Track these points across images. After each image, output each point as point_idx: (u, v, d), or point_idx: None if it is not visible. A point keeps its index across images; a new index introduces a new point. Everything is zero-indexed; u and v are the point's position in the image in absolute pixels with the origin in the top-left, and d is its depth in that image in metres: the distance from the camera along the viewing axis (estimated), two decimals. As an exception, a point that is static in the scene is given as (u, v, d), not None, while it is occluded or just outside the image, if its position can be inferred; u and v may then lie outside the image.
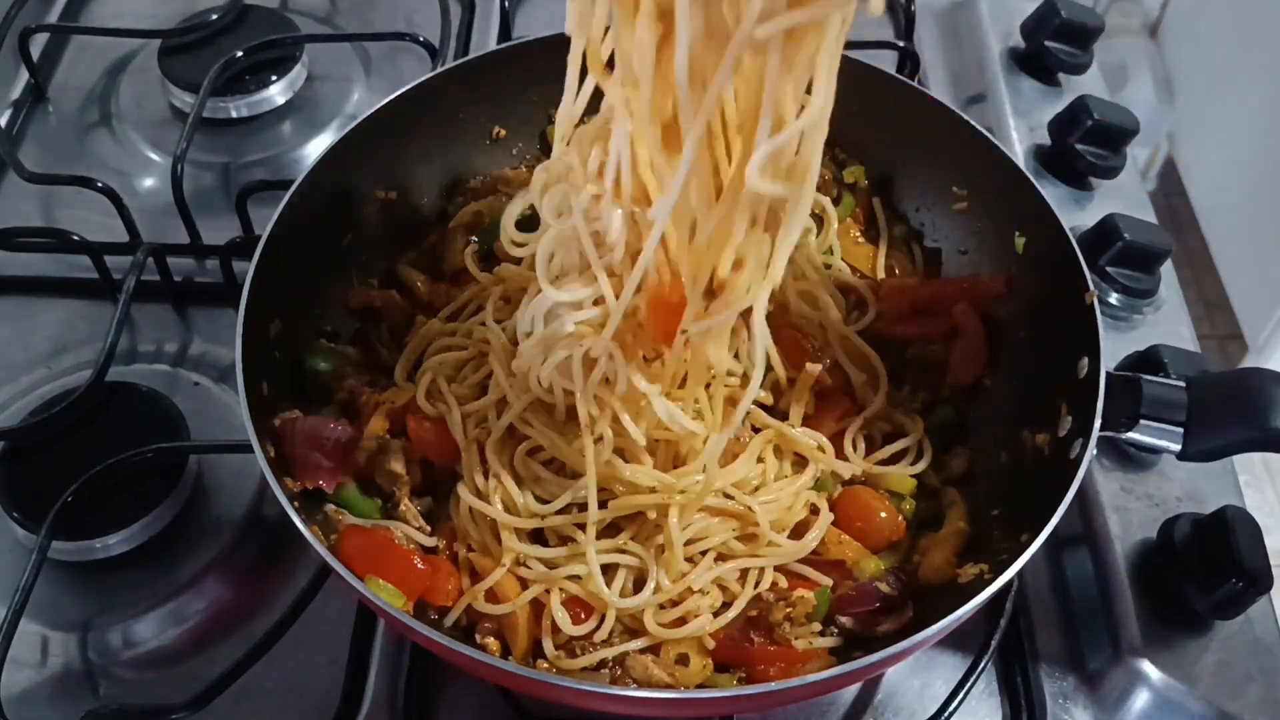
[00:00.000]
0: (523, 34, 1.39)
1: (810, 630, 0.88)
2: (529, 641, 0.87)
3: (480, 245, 1.08)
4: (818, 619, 0.88)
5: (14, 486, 0.98)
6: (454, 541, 0.91)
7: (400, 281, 1.08)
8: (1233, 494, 1.00)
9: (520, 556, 0.88)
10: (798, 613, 0.87)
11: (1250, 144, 2.46)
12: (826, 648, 0.87)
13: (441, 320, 1.04)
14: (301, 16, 1.42)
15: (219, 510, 1.01)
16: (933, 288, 1.06)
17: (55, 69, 1.41)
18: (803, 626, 0.88)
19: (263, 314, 0.92)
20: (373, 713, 0.90)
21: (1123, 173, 1.23)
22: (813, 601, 0.88)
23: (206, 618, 0.96)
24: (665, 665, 0.85)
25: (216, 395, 1.09)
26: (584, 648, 0.86)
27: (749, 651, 0.86)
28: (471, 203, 1.10)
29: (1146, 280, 1.12)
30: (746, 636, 0.86)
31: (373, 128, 1.03)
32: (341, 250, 1.06)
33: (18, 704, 0.90)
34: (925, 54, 1.38)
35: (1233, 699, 0.88)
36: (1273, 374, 0.83)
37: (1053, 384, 0.91)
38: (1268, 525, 0.93)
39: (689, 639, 0.87)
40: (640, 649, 0.87)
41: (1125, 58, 2.68)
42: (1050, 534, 0.78)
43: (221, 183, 1.27)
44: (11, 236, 1.18)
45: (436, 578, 0.88)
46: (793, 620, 0.87)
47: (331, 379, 0.99)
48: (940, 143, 1.06)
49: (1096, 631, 0.92)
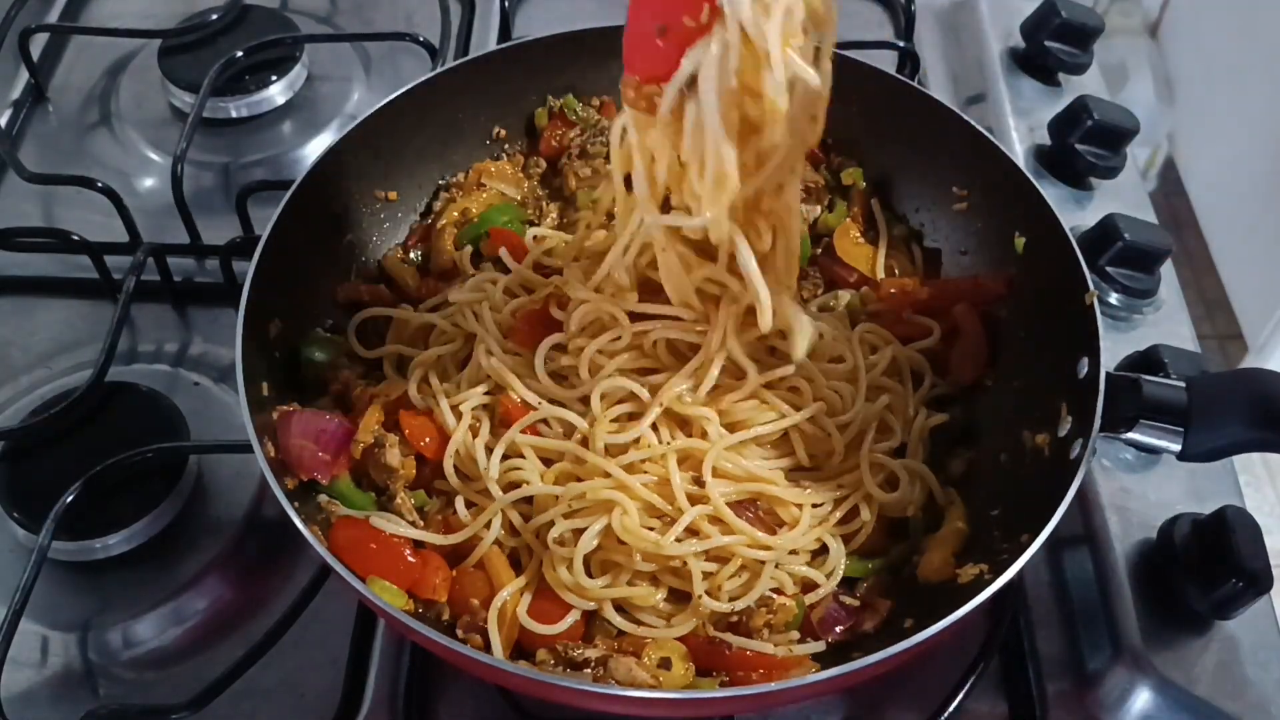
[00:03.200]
0: (523, 34, 1.39)
1: (788, 639, 0.87)
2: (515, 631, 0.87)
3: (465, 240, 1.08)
4: (794, 627, 0.88)
5: (14, 486, 0.98)
6: (447, 533, 0.91)
7: (389, 276, 1.08)
8: (1233, 494, 0.99)
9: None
10: (777, 620, 0.88)
11: (1250, 144, 2.47)
12: (809, 654, 0.87)
13: (424, 312, 1.04)
14: (301, 16, 1.42)
15: (219, 510, 1.01)
16: (933, 288, 1.07)
17: (55, 69, 1.41)
18: (781, 634, 0.88)
19: (263, 314, 0.93)
20: (373, 713, 0.90)
21: (1123, 173, 1.23)
22: (793, 610, 0.88)
23: (206, 618, 0.96)
24: (648, 668, 0.85)
25: (216, 395, 1.09)
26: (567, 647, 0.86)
27: (729, 657, 0.85)
28: (458, 198, 1.10)
29: (1146, 280, 1.12)
30: (723, 641, 0.86)
31: (373, 128, 1.03)
32: (341, 250, 1.06)
33: (18, 704, 0.90)
34: (925, 54, 1.38)
35: (1233, 699, 0.88)
36: (1273, 374, 0.83)
37: (1053, 384, 0.91)
38: (1268, 525, 0.93)
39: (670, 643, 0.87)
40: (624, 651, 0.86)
41: (1125, 58, 2.69)
42: (1050, 534, 0.78)
43: (221, 183, 1.27)
44: (11, 236, 1.18)
45: (425, 570, 0.88)
46: (772, 627, 0.87)
47: (327, 369, 0.99)
48: (940, 143, 1.06)
49: (1096, 631, 0.92)
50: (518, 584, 0.88)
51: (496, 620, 0.86)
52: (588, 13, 1.40)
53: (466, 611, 0.88)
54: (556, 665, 0.85)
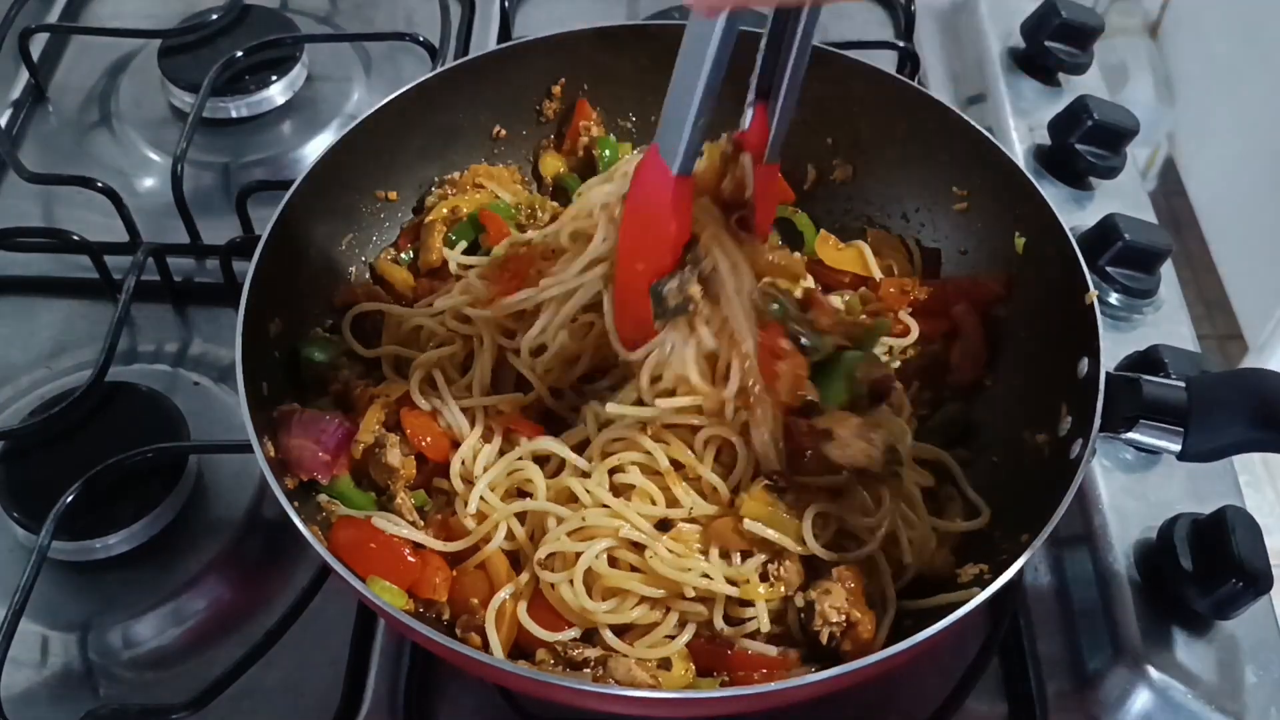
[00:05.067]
0: (523, 34, 1.39)
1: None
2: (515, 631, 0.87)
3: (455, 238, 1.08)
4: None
5: (14, 486, 0.98)
6: (448, 538, 0.91)
7: (381, 277, 1.08)
8: (1233, 494, 0.99)
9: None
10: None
11: (1250, 144, 2.47)
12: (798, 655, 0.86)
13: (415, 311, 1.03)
14: (301, 16, 1.42)
15: (219, 510, 1.01)
16: (932, 288, 1.07)
17: (55, 69, 1.41)
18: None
19: (263, 314, 0.93)
20: (373, 713, 0.90)
21: (1123, 173, 1.22)
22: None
23: (206, 618, 0.96)
24: (648, 668, 0.84)
25: (216, 395, 1.09)
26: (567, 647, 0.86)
27: (729, 657, 0.85)
28: (450, 196, 1.10)
29: (1146, 280, 1.12)
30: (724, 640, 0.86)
31: (373, 128, 1.03)
32: (341, 250, 1.06)
33: (18, 704, 0.90)
34: (925, 54, 1.38)
35: (1233, 699, 0.88)
36: (1273, 374, 0.83)
37: (1053, 384, 0.91)
38: (1268, 525, 0.93)
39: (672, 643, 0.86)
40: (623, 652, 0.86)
41: (1125, 58, 2.69)
42: (1050, 534, 0.78)
43: (221, 183, 1.27)
44: (11, 236, 1.18)
45: (425, 570, 0.88)
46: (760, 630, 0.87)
47: (327, 369, 0.99)
48: (940, 143, 1.06)
49: (1096, 631, 0.92)
50: (517, 583, 0.88)
51: (495, 620, 0.86)
52: (588, 13, 1.41)
53: (466, 611, 0.88)
54: (556, 665, 0.85)
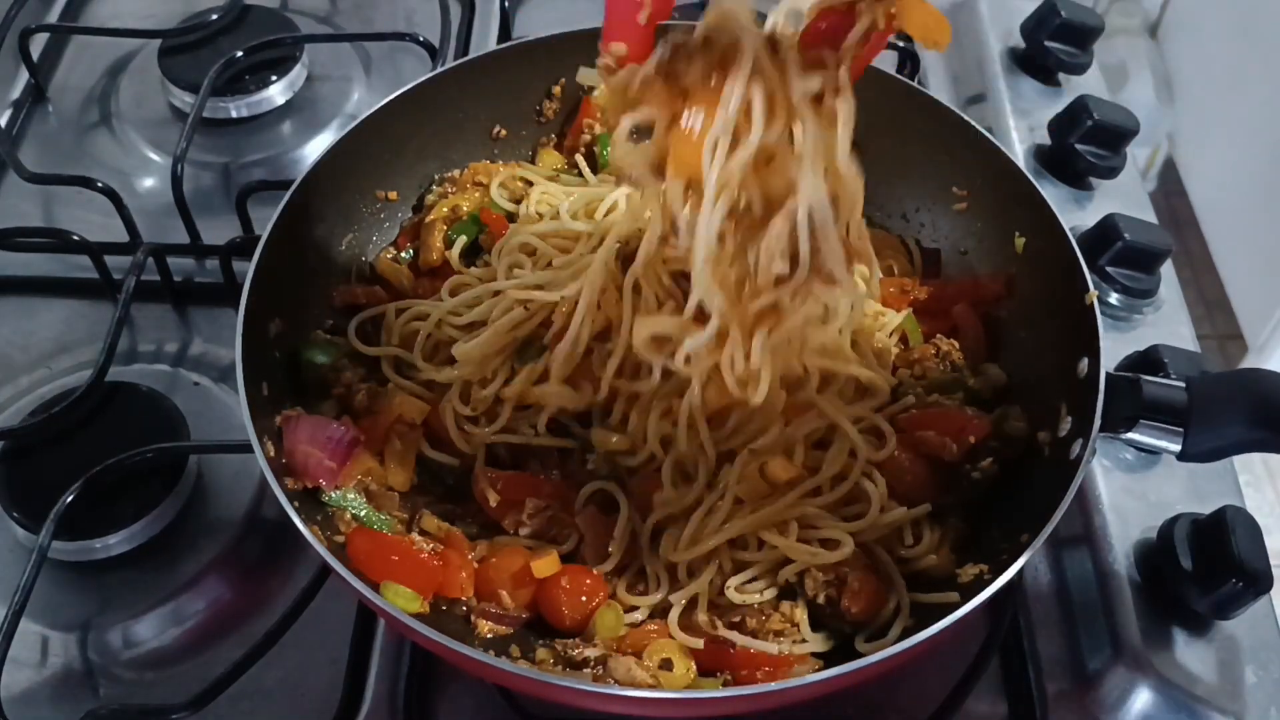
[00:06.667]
0: (523, 34, 1.39)
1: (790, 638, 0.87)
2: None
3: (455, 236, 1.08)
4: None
5: (14, 486, 0.98)
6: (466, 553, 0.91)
7: (381, 276, 1.08)
8: (1233, 494, 0.99)
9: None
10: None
11: (1250, 144, 2.47)
12: (809, 652, 0.87)
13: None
14: (301, 16, 1.42)
15: (219, 510, 1.01)
16: (932, 288, 1.07)
17: (55, 69, 1.41)
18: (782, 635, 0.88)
19: (263, 314, 0.93)
20: (373, 713, 0.90)
21: (1123, 173, 1.23)
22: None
23: (206, 618, 0.96)
24: (647, 668, 0.84)
25: (216, 395, 1.09)
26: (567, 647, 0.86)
27: (732, 657, 0.85)
28: (450, 194, 1.10)
29: (1146, 280, 1.12)
30: (726, 640, 0.86)
31: (373, 128, 1.03)
32: (341, 250, 1.06)
33: (18, 704, 0.90)
34: (925, 54, 1.38)
35: (1233, 699, 0.88)
36: (1273, 374, 0.83)
37: (1053, 384, 0.91)
38: (1268, 525, 0.93)
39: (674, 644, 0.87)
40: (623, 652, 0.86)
41: (1125, 58, 2.68)
42: (1050, 534, 0.78)
43: (221, 183, 1.27)
44: (11, 236, 1.18)
45: (448, 571, 0.88)
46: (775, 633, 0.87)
47: (329, 372, 0.99)
48: (940, 143, 1.06)
49: (1096, 631, 0.92)
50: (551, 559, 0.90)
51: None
52: (588, 13, 1.40)
53: (494, 601, 0.88)
54: (556, 665, 0.85)
